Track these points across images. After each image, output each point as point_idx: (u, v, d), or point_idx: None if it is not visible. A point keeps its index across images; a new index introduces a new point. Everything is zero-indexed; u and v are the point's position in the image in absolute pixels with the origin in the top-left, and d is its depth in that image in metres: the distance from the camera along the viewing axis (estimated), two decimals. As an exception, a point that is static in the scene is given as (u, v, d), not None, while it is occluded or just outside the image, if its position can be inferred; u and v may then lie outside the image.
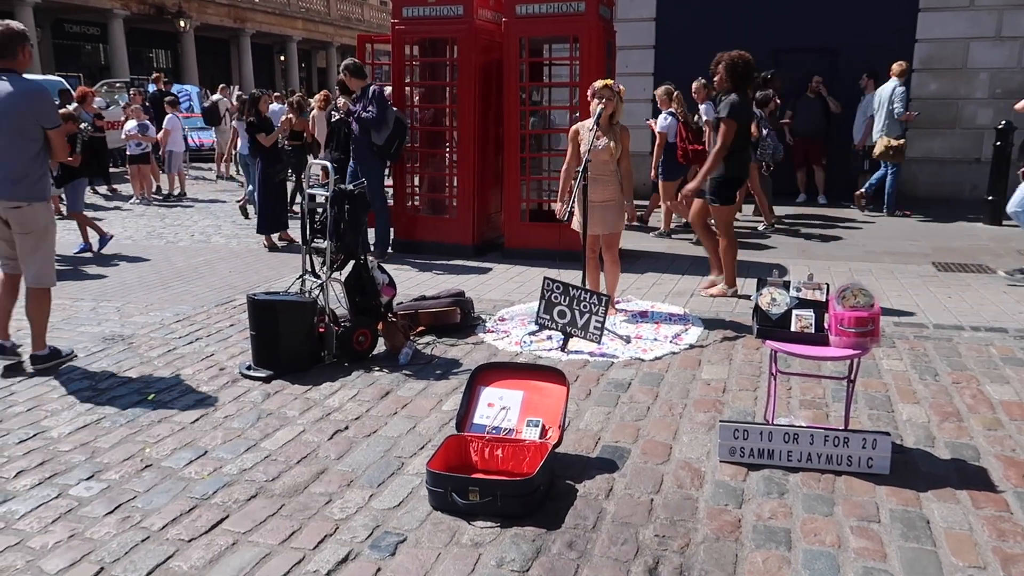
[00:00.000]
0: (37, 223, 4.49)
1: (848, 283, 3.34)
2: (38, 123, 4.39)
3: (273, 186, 8.29)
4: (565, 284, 4.89)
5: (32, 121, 4.36)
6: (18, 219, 4.44)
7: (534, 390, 3.46)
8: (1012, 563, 2.62)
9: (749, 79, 5.92)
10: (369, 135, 7.34)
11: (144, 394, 4.22)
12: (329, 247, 4.79)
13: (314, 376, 4.45)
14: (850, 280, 3.39)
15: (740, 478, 3.23)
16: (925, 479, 3.20)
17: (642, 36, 11.68)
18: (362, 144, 7.41)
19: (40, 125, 4.39)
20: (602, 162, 5.21)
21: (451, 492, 2.94)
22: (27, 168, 4.38)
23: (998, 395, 4.08)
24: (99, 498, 3.12)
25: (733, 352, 4.81)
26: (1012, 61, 10.38)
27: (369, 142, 7.36)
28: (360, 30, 32.52)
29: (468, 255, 7.69)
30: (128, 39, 26.08)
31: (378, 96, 7.26)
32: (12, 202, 4.39)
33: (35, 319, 4.59)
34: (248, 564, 2.67)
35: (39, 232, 4.51)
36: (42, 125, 4.40)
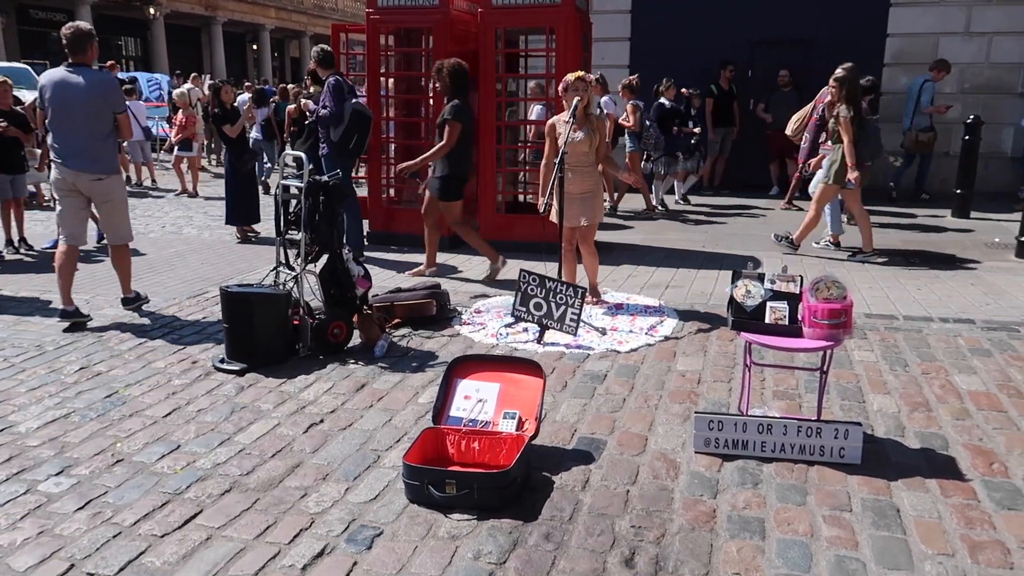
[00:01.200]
0: (115, 192, 5.36)
1: (821, 275, 3.38)
2: (111, 109, 5.21)
3: (242, 177, 8.18)
4: (541, 276, 4.89)
5: (107, 107, 5.19)
6: (100, 190, 5.26)
7: (510, 382, 3.46)
8: (979, 550, 2.67)
9: (468, 85, 6.31)
10: (328, 130, 7.03)
11: (114, 388, 4.15)
12: (304, 239, 4.74)
13: (289, 369, 4.41)
14: (823, 272, 3.43)
15: (715, 469, 3.26)
16: (895, 468, 3.25)
17: (618, 28, 11.70)
18: (326, 140, 7.10)
19: (112, 110, 5.22)
20: (581, 154, 5.21)
21: (428, 485, 2.94)
22: (104, 146, 5.21)
23: (966, 385, 4.16)
24: (69, 494, 3.07)
25: (708, 344, 4.85)
26: (980, 56, 10.55)
27: (327, 137, 7.05)
28: (334, 19, 32.19)
29: (444, 247, 7.65)
30: (96, 26, 25.43)
31: (333, 88, 6.92)
32: (95, 175, 5.19)
33: (122, 269, 5.50)
34: (222, 559, 2.64)
35: (117, 199, 5.38)
36: (113, 111, 5.23)
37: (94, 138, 5.13)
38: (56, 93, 5.08)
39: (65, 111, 5.09)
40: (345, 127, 6.91)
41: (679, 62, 10.98)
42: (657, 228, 8.95)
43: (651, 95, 9.73)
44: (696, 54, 10.99)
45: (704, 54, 11.03)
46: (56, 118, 5.11)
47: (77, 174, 5.14)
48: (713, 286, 6.24)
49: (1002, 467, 3.26)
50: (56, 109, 5.09)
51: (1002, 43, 10.55)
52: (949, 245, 7.84)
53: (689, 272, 6.77)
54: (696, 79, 10.73)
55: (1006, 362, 4.49)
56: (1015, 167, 10.60)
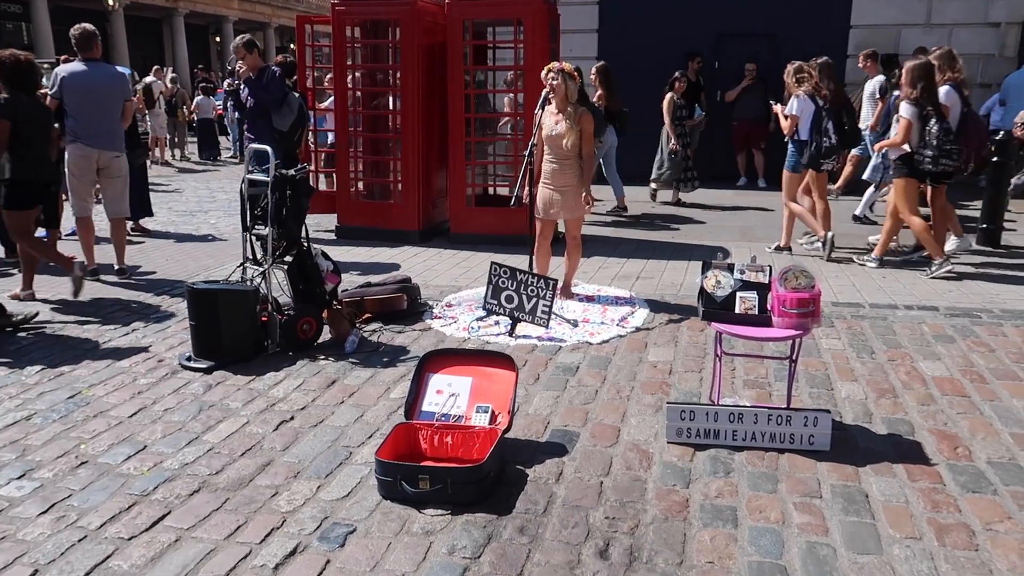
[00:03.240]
0: (124, 168, 6.36)
1: (790, 265, 3.41)
2: (123, 97, 6.32)
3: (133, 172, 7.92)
4: (512, 269, 4.88)
5: (122, 95, 6.31)
6: (117, 166, 6.26)
7: (483, 376, 3.45)
8: (945, 533, 2.72)
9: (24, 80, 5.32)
10: (268, 120, 6.75)
11: (77, 388, 4.06)
12: (271, 234, 4.67)
13: (257, 366, 4.35)
14: (791, 263, 3.46)
15: (687, 458, 3.28)
16: (864, 454, 3.30)
17: (585, 20, 11.69)
18: (258, 131, 6.75)
19: (124, 98, 6.32)
20: (557, 146, 5.17)
21: (401, 480, 2.91)
22: (120, 129, 6.28)
23: (930, 371, 4.23)
24: (31, 497, 2.99)
25: (679, 334, 4.88)
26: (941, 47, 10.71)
27: (268, 128, 6.73)
28: (299, 11, 31.75)
29: (414, 240, 7.62)
30: (53, 18, 24.95)
31: (278, 79, 6.81)
32: (116, 153, 6.22)
33: (120, 242, 6.45)
34: (192, 561, 2.60)
35: (125, 175, 6.37)
36: (124, 98, 6.33)
37: (114, 122, 6.20)
38: (82, 84, 5.98)
39: (91, 99, 6.01)
40: (294, 118, 6.82)
41: (647, 54, 11.03)
42: (627, 220, 8.98)
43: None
44: (663, 46, 11.02)
45: (671, 46, 11.07)
46: (83, 105, 5.98)
47: (102, 152, 6.11)
48: (683, 277, 6.28)
49: (966, 451, 3.32)
50: (83, 97, 5.98)
51: (961, 34, 10.73)
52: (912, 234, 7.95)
53: (659, 263, 6.80)
54: (663, 71, 10.76)
55: (969, 348, 4.58)
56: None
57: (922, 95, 6.11)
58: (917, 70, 6.14)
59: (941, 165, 6.09)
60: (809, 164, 6.85)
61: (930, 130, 6.06)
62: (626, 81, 11.56)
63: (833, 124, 6.69)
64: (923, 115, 6.11)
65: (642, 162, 10.08)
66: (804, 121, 6.89)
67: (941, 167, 6.10)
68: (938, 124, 6.05)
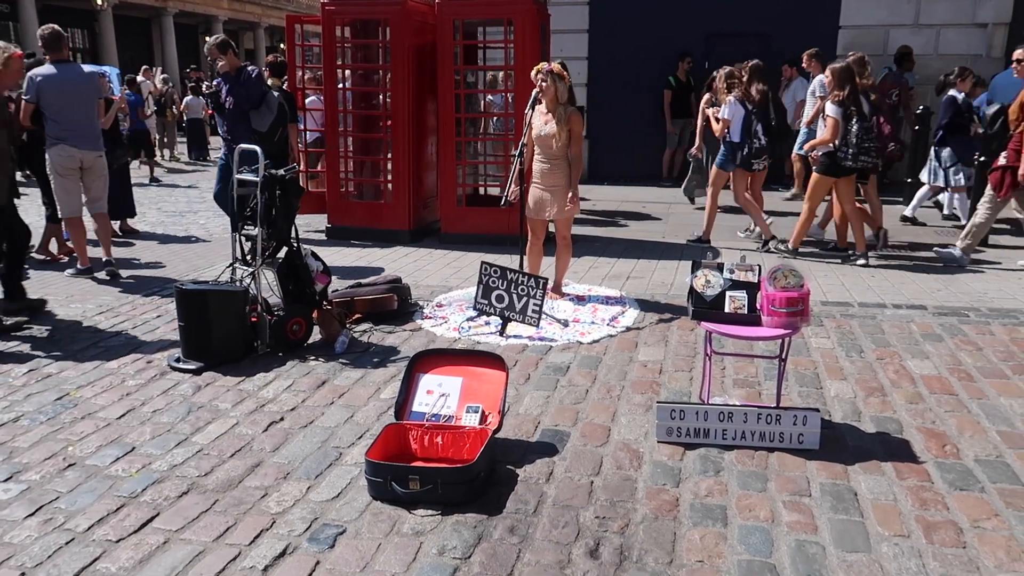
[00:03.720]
0: (105, 167, 6.41)
1: (779, 264, 3.42)
2: (98, 96, 6.37)
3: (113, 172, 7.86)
4: (503, 268, 4.88)
5: (97, 95, 6.35)
6: (100, 165, 6.29)
7: (473, 376, 3.45)
8: (933, 530, 2.74)
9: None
10: (247, 121, 6.65)
11: (65, 390, 4.03)
12: (260, 234, 4.65)
13: (247, 367, 4.33)
14: (781, 262, 3.47)
15: (677, 457, 3.28)
16: (853, 453, 3.31)
17: (576, 20, 11.70)
18: (237, 132, 6.60)
19: (97, 96, 6.34)
20: (547, 146, 5.17)
21: (391, 481, 2.91)
22: (98, 128, 6.30)
23: (919, 370, 4.26)
24: (18, 500, 2.97)
25: (669, 334, 4.89)
26: (929, 48, 10.79)
27: (247, 129, 6.61)
28: (289, 10, 31.65)
29: (404, 240, 7.61)
30: (41, 17, 24.77)
31: (256, 78, 6.72)
32: (98, 152, 6.24)
33: (106, 235, 6.52)
34: (181, 563, 2.58)
35: (106, 173, 6.42)
36: (97, 96, 6.36)
37: (93, 122, 6.21)
38: (58, 86, 5.92)
39: (68, 100, 5.96)
40: (273, 117, 6.73)
41: (637, 54, 11.05)
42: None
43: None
44: (654, 46, 11.05)
45: (661, 46, 11.10)
46: (62, 107, 5.95)
47: (85, 152, 6.11)
48: (673, 276, 6.29)
49: (954, 449, 3.34)
50: (60, 99, 5.92)
51: (949, 34, 10.80)
52: (901, 233, 8.01)
53: (649, 263, 6.82)
54: (653, 71, 10.79)
55: (956, 346, 4.61)
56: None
57: (847, 97, 6.42)
58: (843, 73, 6.46)
59: (861, 161, 6.45)
60: (742, 164, 7.27)
61: (851, 129, 6.39)
62: (616, 81, 11.61)
63: (762, 126, 7.18)
64: (846, 115, 6.41)
65: (636, 162, 10.06)
66: (735, 124, 7.24)
67: (861, 163, 6.46)
68: (859, 123, 6.39)
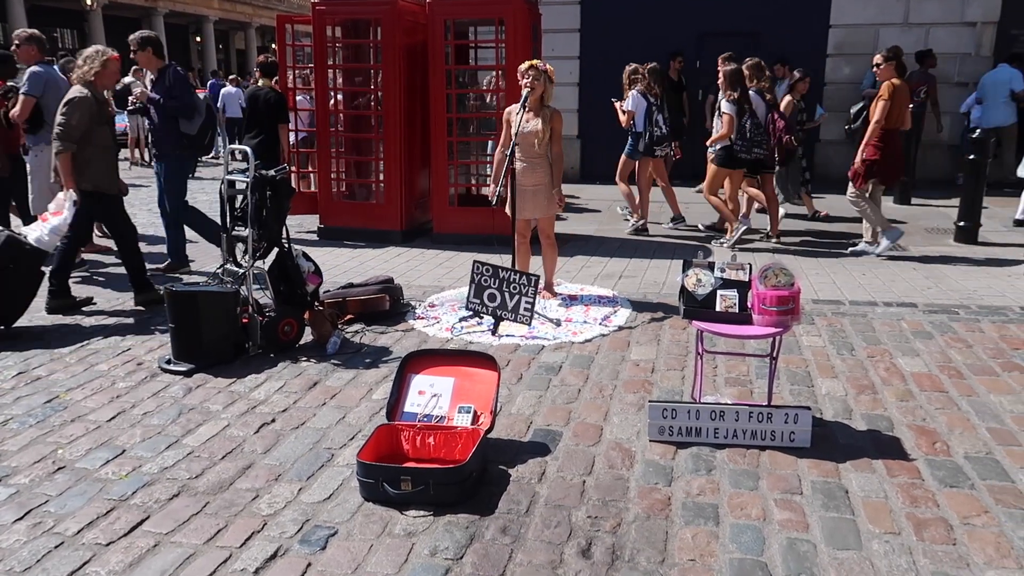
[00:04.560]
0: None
1: (769, 263, 3.43)
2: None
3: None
4: (495, 267, 4.88)
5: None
6: None
7: (465, 376, 3.44)
8: (924, 528, 2.75)
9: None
10: (176, 124, 6.26)
11: (55, 392, 4.01)
12: (251, 235, 4.64)
13: (238, 368, 4.32)
14: (771, 260, 3.48)
15: (669, 456, 3.29)
16: (843, 451, 3.32)
17: (567, 19, 11.70)
18: (167, 136, 6.32)
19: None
20: (529, 145, 5.18)
21: (382, 482, 2.90)
22: None
23: (909, 367, 4.27)
24: (7, 504, 2.95)
25: (661, 333, 4.89)
26: (919, 46, 10.81)
27: (177, 133, 6.27)
28: (280, 10, 31.56)
29: (396, 241, 7.60)
30: (30, 17, 24.66)
31: (182, 77, 6.38)
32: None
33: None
34: (171, 566, 2.57)
35: None
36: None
37: None
38: (56, 85, 6.09)
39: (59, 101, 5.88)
40: (203, 120, 6.37)
41: (629, 53, 11.02)
42: (610, 219, 9.00)
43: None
44: (645, 45, 11.03)
45: (653, 45, 11.09)
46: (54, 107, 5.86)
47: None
48: (665, 275, 6.30)
49: (944, 446, 3.35)
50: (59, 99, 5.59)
51: (938, 33, 10.85)
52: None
53: (642, 262, 6.83)
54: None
55: (947, 344, 4.63)
56: (953, 154, 10.93)
57: (740, 96, 7.15)
58: (733, 75, 7.19)
59: (754, 153, 7.22)
60: (645, 151, 7.92)
61: (744, 124, 7.14)
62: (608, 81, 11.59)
63: (663, 117, 7.91)
64: (739, 112, 7.13)
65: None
66: (639, 115, 7.89)
67: (754, 155, 7.23)
68: (750, 120, 7.17)
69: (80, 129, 5.09)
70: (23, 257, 4.88)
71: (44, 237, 4.96)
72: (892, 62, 6.70)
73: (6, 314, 4.90)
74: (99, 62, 5.21)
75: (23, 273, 4.89)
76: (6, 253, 4.81)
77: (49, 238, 4.99)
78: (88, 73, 5.22)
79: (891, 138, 6.69)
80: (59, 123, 5.06)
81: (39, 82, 6.01)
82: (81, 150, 5.12)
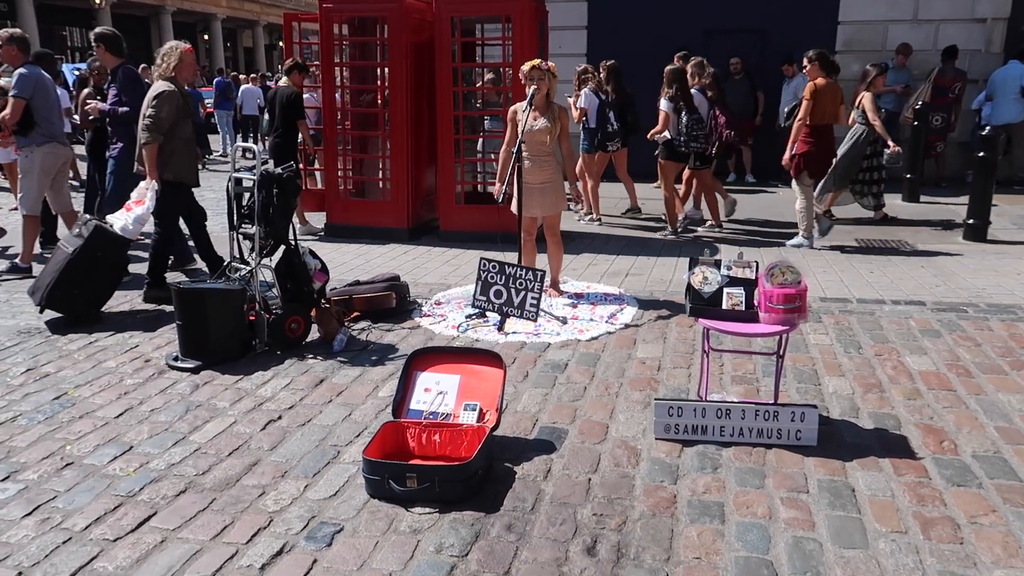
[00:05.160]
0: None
1: (776, 261, 3.42)
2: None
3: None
4: (501, 263, 4.89)
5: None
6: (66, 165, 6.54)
7: (471, 374, 3.44)
8: (931, 527, 2.74)
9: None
10: (129, 131, 5.99)
11: (63, 389, 4.03)
12: (258, 232, 4.65)
13: (245, 365, 4.33)
14: (778, 258, 3.47)
15: (675, 454, 3.28)
16: (850, 449, 3.31)
17: (574, 17, 11.69)
18: (119, 135, 6.22)
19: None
20: (538, 143, 5.18)
21: (388, 479, 2.91)
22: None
23: (917, 366, 4.25)
24: (16, 499, 2.97)
25: (667, 331, 4.88)
26: (928, 43, 10.77)
27: (129, 132, 5.99)
28: (287, 8, 31.64)
29: (403, 238, 7.60)
30: (39, 15, 24.79)
31: (131, 80, 6.19)
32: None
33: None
34: (178, 562, 2.58)
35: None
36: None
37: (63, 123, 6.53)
38: (45, 86, 6.20)
39: (51, 100, 6.23)
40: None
41: (635, 50, 11.01)
42: (617, 218, 8.98)
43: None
44: (652, 43, 11.02)
45: (660, 42, 11.07)
46: (51, 107, 6.21)
47: (67, 151, 6.40)
48: (672, 273, 6.29)
49: (952, 445, 3.34)
50: (46, 99, 6.18)
51: (948, 30, 10.78)
52: (900, 229, 8.01)
53: (648, 260, 6.81)
54: (652, 67, 10.75)
55: (955, 342, 4.61)
56: (963, 152, 10.87)
57: (676, 93, 7.45)
58: (672, 74, 7.53)
59: (692, 148, 7.55)
60: (598, 146, 8.22)
61: (683, 121, 7.47)
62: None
63: (615, 114, 8.21)
64: (677, 109, 7.44)
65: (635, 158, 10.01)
66: (591, 112, 8.17)
67: (692, 149, 7.57)
68: (688, 116, 7.47)
69: (168, 122, 5.25)
70: (110, 246, 5.19)
71: (128, 226, 5.17)
72: (816, 63, 6.96)
73: (95, 299, 5.20)
74: (175, 57, 5.37)
75: (110, 260, 5.23)
76: (95, 242, 5.10)
77: (133, 227, 5.20)
78: (169, 69, 5.37)
79: (819, 134, 6.97)
80: (148, 115, 5.20)
81: (28, 84, 6.02)
82: (167, 142, 5.28)
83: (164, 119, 5.21)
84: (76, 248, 5.05)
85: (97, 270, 5.11)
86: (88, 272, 5.05)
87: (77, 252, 5.03)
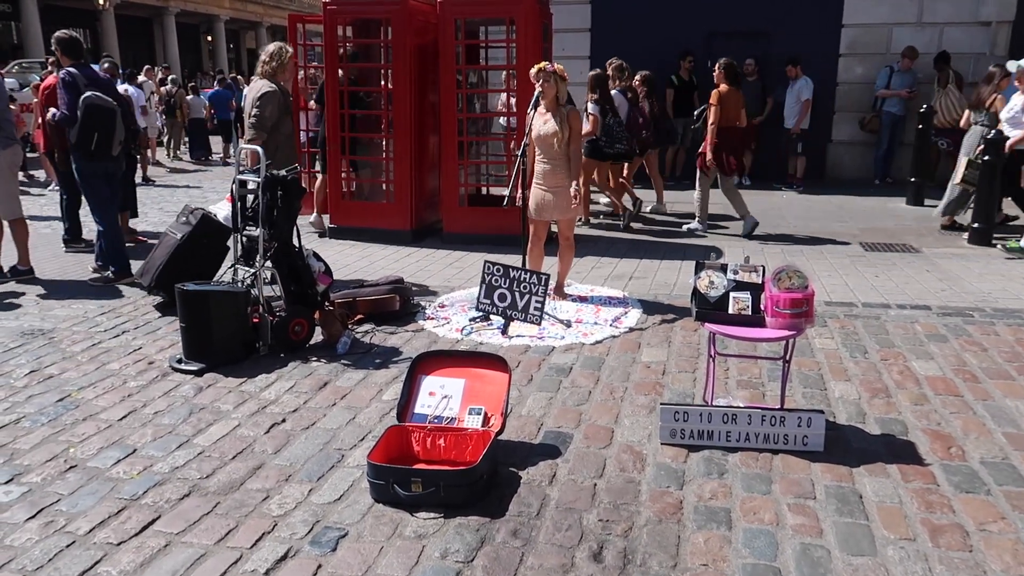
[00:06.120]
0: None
1: (783, 265, 3.40)
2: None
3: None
4: (505, 266, 4.87)
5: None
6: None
7: (476, 377, 3.43)
8: (939, 534, 2.72)
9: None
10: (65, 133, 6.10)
11: (67, 391, 4.02)
12: (262, 234, 4.64)
13: (249, 368, 4.32)
14: (784, 262, 3.45)
15: (681, 460, 3.26)
16: (857, 455, 3.29)
17: (578, 19, 11.68)
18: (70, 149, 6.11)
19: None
20: (548, 146, 5.16)
21: (393, 484, 2.89)
22: None
23: (924, 371, 4.23)
24: (19, 502, 2.96)
25: (672, 334, 4.87)
26: (932, 46, 10.74)
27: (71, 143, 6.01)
28: (291, 10, 31.66)
29: (407, 241, 7.59)
30: (43, 17, 24.83)
31: (67, 84, 5.94)
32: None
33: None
34: (182, 566, 2.57)
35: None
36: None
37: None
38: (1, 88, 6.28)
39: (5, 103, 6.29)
40: (80, 124, 5.79)
41: (639, 53, 11.00)
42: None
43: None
44: (656, 45, 11.02)
45: (664, 45, 11.07)
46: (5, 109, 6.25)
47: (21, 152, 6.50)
48: (676, 277, 6.27)
49: (959, 451, 3.32)
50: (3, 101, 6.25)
51: (952, 33, 10.76)
52: (905, 233, 7.98)
53: (652, 263, 6.80)
54: (656, 70, 10.74)
55: (961, 347, 4.59)
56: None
57: (601, 96, 7.85)
58: (595, 79, 7.94)
59: (615, 148, 7.98)
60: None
61: (608, 122, 7.91)
62: (619, 80, 11.52)
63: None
64: (602, 111, 7.83)
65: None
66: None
67: (615, 149, 8.00)
68: (612, 118, 7.96)
69: (272, 119, 5.33)
70: (215, 233, 5.47)
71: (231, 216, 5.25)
72: (722, 71, 7.66)
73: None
74: (283, 59, 5.51)
75: (214, 247, 5.53)
76: (202, 229, 5.43)
77: None
78: (275, 69, 5.48)
79: (725, 135, 7.65)
80: (254, 114, 5.29)
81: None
82: (270, 138, 5.35)
83: (268, 117, 5.30)
84: (184, 235, 5.41)
85: (202, 255, 5.45)
86: (193, 257, 5.38)
87: (185, 238, 5.39)
